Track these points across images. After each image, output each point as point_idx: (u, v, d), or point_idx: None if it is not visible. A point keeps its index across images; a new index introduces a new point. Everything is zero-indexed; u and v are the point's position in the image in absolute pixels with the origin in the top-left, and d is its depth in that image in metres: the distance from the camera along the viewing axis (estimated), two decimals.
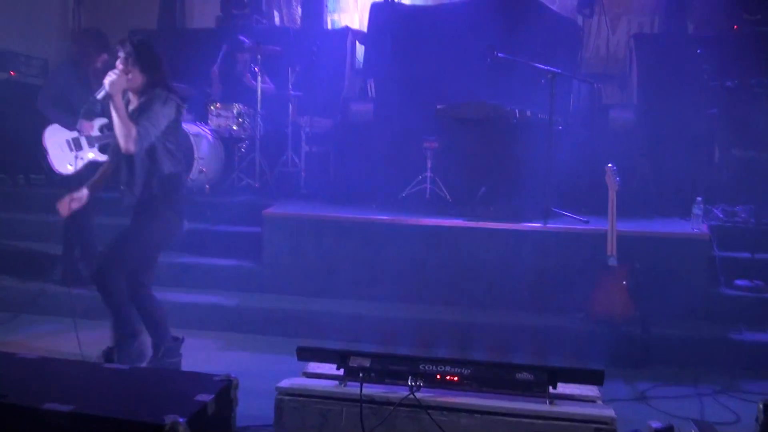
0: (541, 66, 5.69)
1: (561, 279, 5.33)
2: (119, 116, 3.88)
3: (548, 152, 5.71)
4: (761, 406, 2.49)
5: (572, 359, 4.77)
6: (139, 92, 4.15)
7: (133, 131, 3.91)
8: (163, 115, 4.06)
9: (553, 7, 8.79)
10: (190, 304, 5.50)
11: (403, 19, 7.65)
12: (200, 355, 4.82)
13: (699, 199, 5.63)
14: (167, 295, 5.50)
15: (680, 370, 4.81)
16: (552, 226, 5.54)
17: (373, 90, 8.38)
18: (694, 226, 5.60)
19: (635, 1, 9.52)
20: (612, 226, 5.03)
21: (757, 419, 2.61)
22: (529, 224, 5.51)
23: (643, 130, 7.27)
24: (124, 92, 4.09)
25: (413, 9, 8.00)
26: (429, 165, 6.48)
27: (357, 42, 9.00)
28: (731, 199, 6.47)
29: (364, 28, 8.61)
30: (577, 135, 6.83)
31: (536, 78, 5.87)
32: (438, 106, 6.15)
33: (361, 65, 8.83)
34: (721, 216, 6.20)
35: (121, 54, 4.07)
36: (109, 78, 3.89)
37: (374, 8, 8.12)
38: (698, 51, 7.18)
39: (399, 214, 5.82)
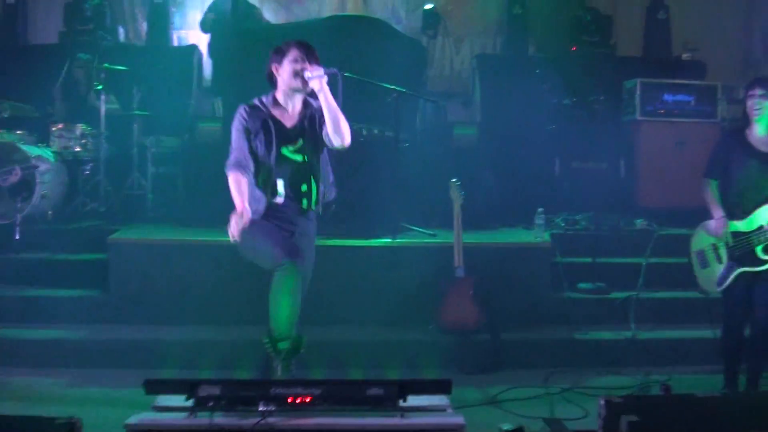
0: (387, 85, 5.80)
1: (412, 292, 5.43)
2: (334, 106, 3.76)
3: (395, 169, 5.82)
4: (602, 402, 2.62)
5: (426, 370, 4.87)
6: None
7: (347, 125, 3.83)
8: None
9: (399, 28, 9.00)
10: (33, 341, 5.18)
11: (250, 36, 7.59)
12: (44, 396, 4.57)
13: (540, 209, 5.92)
14: (8, 332, 5.24)
15: (530, 373, 5.02)
16: (401, 240, 5.66)
17: (221, 109, 8.26)
18: (537, 235, 5.88)
19: (478, 23, 9.88)
20: (458, 238, 5.20)
21: (599, 414, 2.75)
22: (379, 240, 5.60)
23: (487, 145, 7.54)
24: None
25: (261, 27, 7.95)
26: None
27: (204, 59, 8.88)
28: (572, 209, 6.84)
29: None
30: (423, 151, 7.02)
31: (383, 97, 5.98)
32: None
33: (209, 83, 8.68)
34: (562, 224, 6.53)
35: None
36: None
37: (219, 26, 8.01)
38: (537, 71, 7.55)
39: None
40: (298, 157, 3.89)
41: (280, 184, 3.87)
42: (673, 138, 7.47)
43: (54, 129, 6.92)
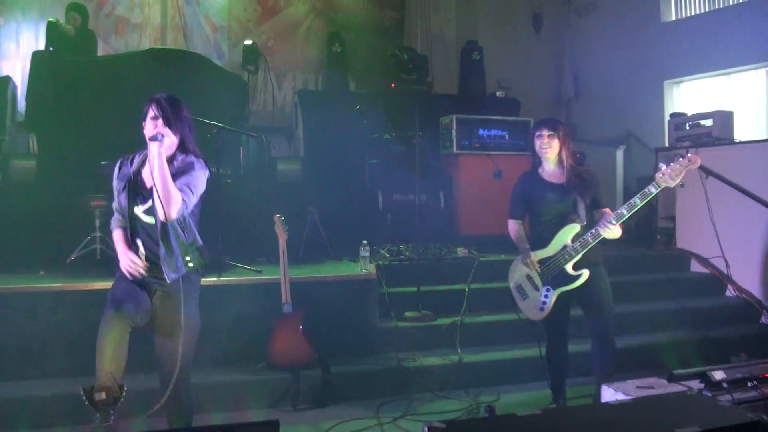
0: (206, 121, 5.74)
1: (240, 331, 5.37)
2: (166, 178, 3.49)
3: (218, 205, 5.72)
4: (425, 429, 2.68)
5: (257, 411, 4.83)
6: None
7: (178, 196, 3.54)
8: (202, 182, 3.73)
9: (220, 63, 8.97)
10: None
11: (69, 69, 7.27)
12: None
13: (364, 241, 6.05)
14: None
15: (363, 404, 5.10)
16: (226, 278, 5.57)
17: (36, 145, 7.82)
18: (363, 267, 5.99)
19: (300, 59, 10.07)
20: (284, 273, 5.20)
21: None
22: (205, 279, 5.38)
23: (311, 180, 7.63)
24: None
25: (80, 59, 7.63)
26: (98, 224, 6.14)
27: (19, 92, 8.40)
28: (396, 240, 7.03)
29: (26, 78, 8.06)
30: (247, 187, 6.98)
31: (204, 132, 5.90)
32: (102, 162, 5.85)
33: (23, 118, 8.21)
34: (387, 255, 6.68)
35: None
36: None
37: (36, 57, 7.61)
38: (357, 107, 7.74)
39: (69, 280, 5.42)
40: (149, 219, 3.71)
41: (140, 244, 3.75)
42: (489, 170, 7.92)
43: None
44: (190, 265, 3.78)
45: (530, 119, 8.31)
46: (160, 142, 3.54)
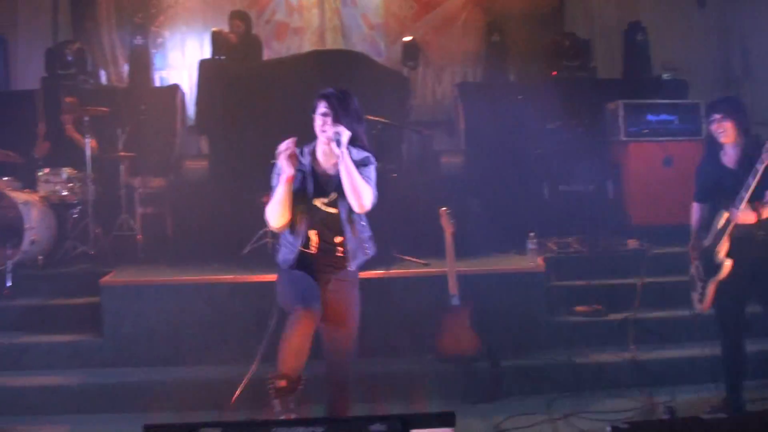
0: (372, 117, 5.82)
1: (408, 323, 5.40)
2: (353, 173, 3.60)
3: (384, 199, 5.78)
4: (608, 429, 2.59)
5: (426, 402, 4.84)
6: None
7: (368, 189, 3.67)
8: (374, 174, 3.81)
9: (380, 61, 9.06)
10: (29, 388, 5.11)
11: (234, 74, 7.61)
12: None
13: (532, 233, 5.92)
14: (4, 380, 5.17)
15: (532, 399, 5.00)
16: (394, 271, 5.63)
17: (207, 146, 8.27)
18: (530, 260, 5.87)
19: (458, 52, 9.99)
20: (451, 266, 5.19)
21: None
22: (372, 271, 5.44)
23: (474, 172, 7.57)
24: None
25: (244, 65, 7.98)
26: None
27: (187, 98, 8.92)
28: (563, 232, 6.84)
29: (194, 85, 8.52)
30: (411, 181, 7.03)
31: (369, 129, 5.99)
32: (272, 161, 6.09)
33: (193, 122, 8.69)
34: (555, 248, 6.53)
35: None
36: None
37: (203, 65, 8.05)
38: (519, 97, 7.60)
39: (242, 272, 5.70)
40: (332, 210, 3.79)
41: (313, 235, 3.80)
42: (659, 157, 7.56)
43: (40, 174, 6.87)
44: (369, 252, 3.90)
45: (699, 102, 7.84)
46: (339, 142, 3.59)
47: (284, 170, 3.61)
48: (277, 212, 3.69)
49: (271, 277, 5.38)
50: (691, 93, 8.87)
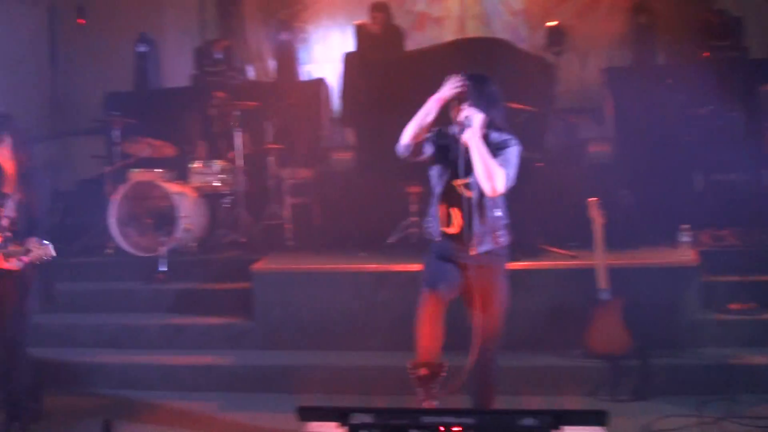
0: (516, 106, 5.74)
1: (554, 316, 5.31)
2: (486, 157, 3.65)
3: (529, 188, 5.71)
4: None
5: (572, 397, 4.76)
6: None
7: (501, 173, 3.66)
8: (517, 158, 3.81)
9: (524, 47, 8.91)
10: (184, 366, 5.44)
11: (377, 66, 7.70)
12: (199, 418, 4.77)
13: (686, 226, 5.67)
14: (160, 358, 5.52)
15: (681, 400, 4.79)
16: (541, 263, 5.54)
17: (352, 138, 8.42)
18: (683, 254, 5.63)
19: (603, 36, 9.64)
20: (601, 259, 5.04)
21: None
22: (519, 263, 5.37)
23: (622, 161, 7.32)
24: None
25: (387, 56, 8.06)
26: (413, 210, 6.47)
27: (332, 91, 9.10)
28: (717, 224, 6.49)
29: (338, 78, 8.69)
30: (557, 171, 6.88)
31: (513, 117, 5.92)
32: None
33: (338, 114, 8.86)
34: (708, 241, 6.22)
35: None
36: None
37: (347, 58, 8.18)
38: (668, 81, 7.28)
39: (387, 261, 5.79)
40: (467, 193, 3.80)
41: (455, 214, 3.84)
42: None
43: (192, 166, 7.24)
44: (501, 239, 3.85)
45: None
46: (470, 127, 3.65)
47: (442, 93, 3.77)
48: (412, 129, 3.85)
49: (416, 266, 5.51)
50: None
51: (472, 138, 3.65)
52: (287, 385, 5.18)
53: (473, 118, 3.67)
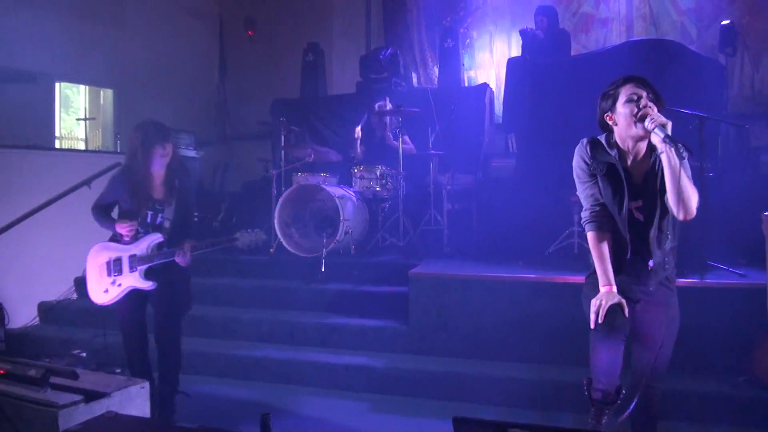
0: (687, 111, 5.46)
1: (720, 338, 4.92)
2: (677, 170, 3.13)
3: (702, 201, 5.40)
4: None
5: (736, 427, 4.46)
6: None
7: (694, 192, 3.19)
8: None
9: (693, 48, 8.50)
10: (337, 365, 5.55)
11: (542, 72, 7.58)
12: (351, 417, 4.87)
13: None
14: (314, 356, 5.69)
15: None
16: (709, 281, 5.19)
17: (515, 145, 8.34)
18: None
19: None
20: None
21: None
22: (686, 279, 5.08)
23: None
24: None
25: (552, 61, 7.92)
26: (576, 219, 6.31)
27: (495, 97, 9.06)
28: None
29: (502, 83, 8.64)
30: (728, 181, 6.48)
31: (683, 123, 5.62)
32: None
33: (501, 120, 8.82)
34: None
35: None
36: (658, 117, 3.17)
37: (511, 63, 8.13)
38: None
39: (546, 272, 5.67)
40: (640, 217, 3.36)
41: (624, 242, 3.36)
42: None
43: (355, 171, 7.43)
44: (667, 268, 3.44)
45: None
46: (664, 134, 3.11)
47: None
48: None
49: (574, 278, 5.37)
50: None
51: (666, 150, 3.12)
52: (438, 391, 5.18)
53: (668, 124, 3.16)
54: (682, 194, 3.14)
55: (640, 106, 3.24)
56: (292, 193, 7.18)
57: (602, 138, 3.45)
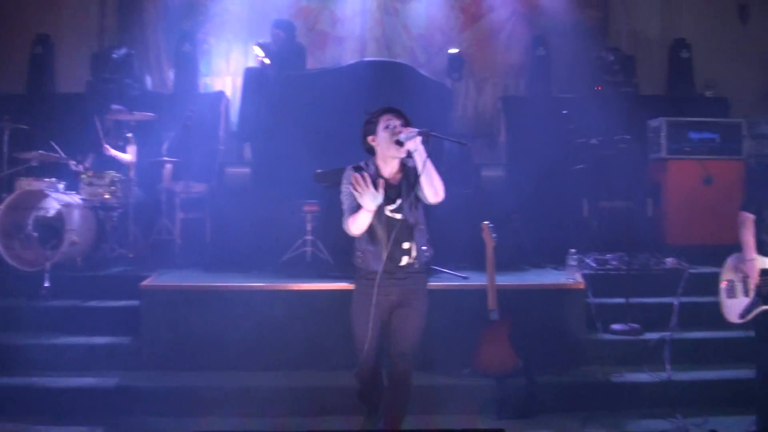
0: (415, 129, 5.78)
1: (444, 336, 5.33)
2: (429, 164, 3.85)
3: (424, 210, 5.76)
4: None
5: (461, 416, 4.82)
6: None
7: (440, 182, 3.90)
8: None
9: (423, 71, 9.06)
10: (66, 389, 5.13)
11: (278, 83, 7.65)
12: None
13: (572, 250, 5.87)
14: (40, 381, 5.20)
15: (567, 417, 4.96)
16: (433, 284, 5.54)
17: (250, 154, 8.33)
18: (569, 276, 5.82)
19: (501, 65, 9.91)
20: (491, 280, 5.15)
21: None
22: None
23: (514, 187, 7.50)
24: None
25: (289, 74, 8.03)
26: (309, 228, 6.43)
27: (231, 105, 9.00)
28: (602, 248, 6.78)
29: (238, 92, 8.60)
30: (450, 194, 6.96)
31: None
32: (316, 171, 6.20)
33: (236, 128, 8.77)
34: (593, 265, 6.46)
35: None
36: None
37: (248, 73, 8.11)
38: (564, 112, 7.54)
39: (280, 280, 5.73)
40: (398, 216, 3.96)
41: (388, 241, 3.93)
42: (699, 175, 7.49)
43: (84, 176, 6.96)
44: (427, 255, 4.07)
45: (741, 120, 7.86)
46: (419, 136, 3.84)
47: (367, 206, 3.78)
48: (360, 227, 3.89)
49: (308, 285, 5.50)
50: (732, 112, 8.79)
51: (419, 149, 3.83)
52: (176, 407, 5.00)
53: (416, 131, 3.85)
54: (432, 181, 3.82)
55: (396, 132, 3.90)
56: (15, 200, 6.58)
57: (362, 163, 4.07)
